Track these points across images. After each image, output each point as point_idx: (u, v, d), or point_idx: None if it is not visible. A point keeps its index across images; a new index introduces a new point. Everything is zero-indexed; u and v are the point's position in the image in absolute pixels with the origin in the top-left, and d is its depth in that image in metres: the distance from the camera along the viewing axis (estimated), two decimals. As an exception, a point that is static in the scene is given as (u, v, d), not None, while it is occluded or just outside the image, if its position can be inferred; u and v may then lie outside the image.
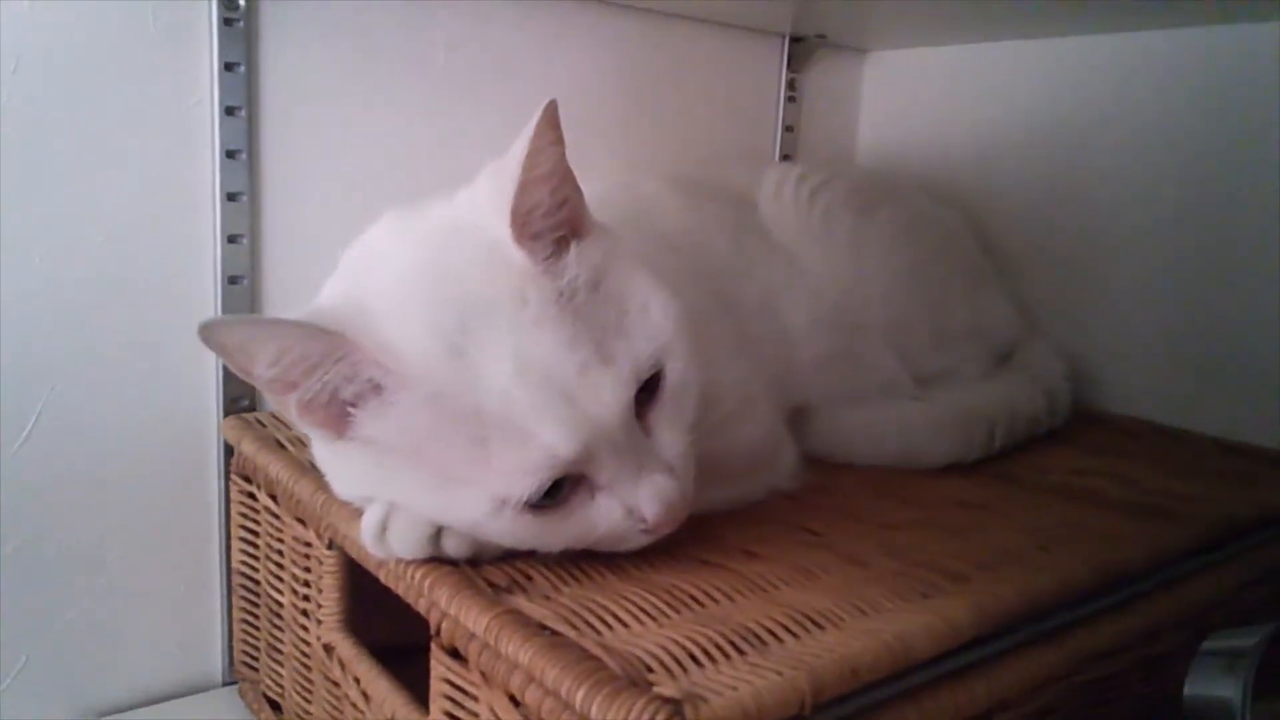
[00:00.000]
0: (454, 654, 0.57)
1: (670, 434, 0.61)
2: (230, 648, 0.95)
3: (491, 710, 0.54)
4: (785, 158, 1.28)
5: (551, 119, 0.55)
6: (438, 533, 0.59)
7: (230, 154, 0.88)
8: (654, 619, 0.55)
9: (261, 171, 0.90)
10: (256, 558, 0.87)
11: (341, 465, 0.62)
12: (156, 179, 0.85)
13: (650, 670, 0.48)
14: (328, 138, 0.93)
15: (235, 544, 0.90)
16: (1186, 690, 0.59)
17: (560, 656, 0.48)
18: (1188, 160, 1.07)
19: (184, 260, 0.88)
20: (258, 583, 0.87)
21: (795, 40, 1.25)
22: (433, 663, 0.59)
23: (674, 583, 0.60)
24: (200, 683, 0.95)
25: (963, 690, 0.56)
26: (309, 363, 0.54)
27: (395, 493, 0.59)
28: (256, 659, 0.89)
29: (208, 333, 0.51)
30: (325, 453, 0.63)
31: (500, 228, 0.56)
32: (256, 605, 0.88)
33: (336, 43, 0.92)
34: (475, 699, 0.56)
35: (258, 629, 0.88)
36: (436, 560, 0.60)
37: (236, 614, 0.91)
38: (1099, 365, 1.16)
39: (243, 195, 0.89)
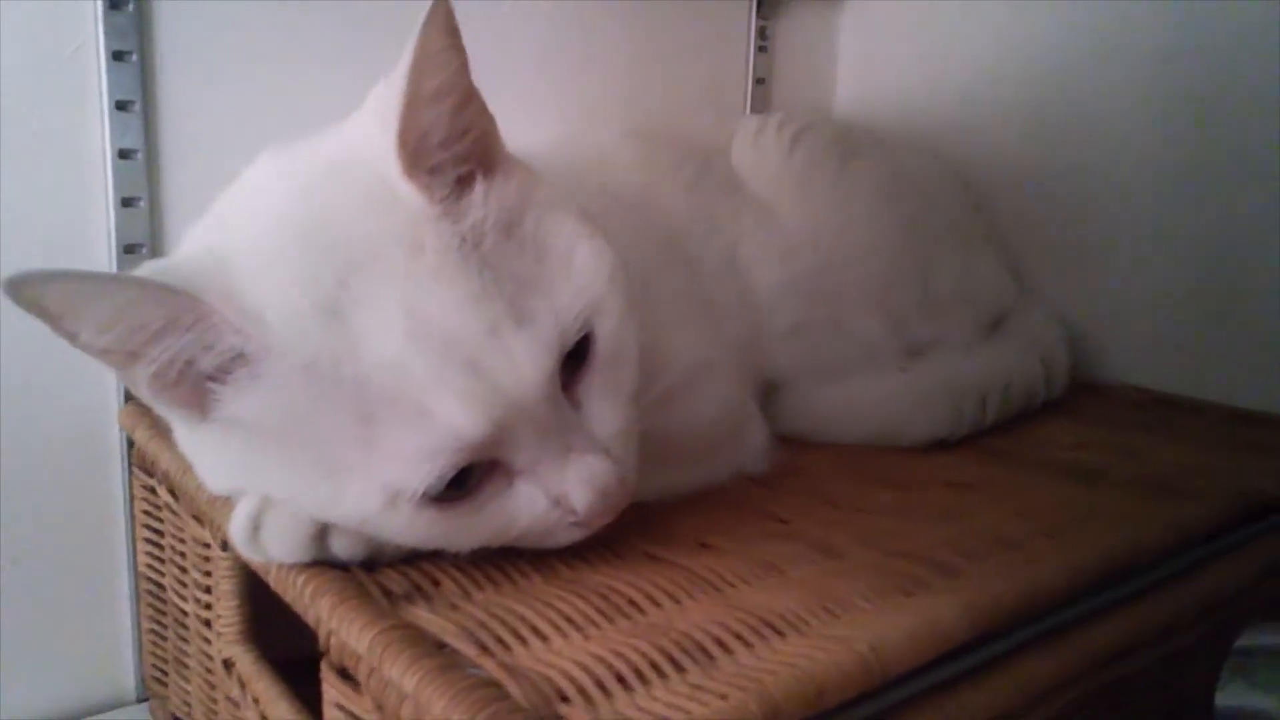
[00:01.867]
0: (345, 675, 0.48)
1: (605, 408, 0.51)
2: (142, 661, 0.85)
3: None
4: (757, 111, 1.18)
5: (443, 22, 0.45)
6: (322, 531, 0.49)
7: (121, 105, 0.77)
8: (580, 630, 0.46)
9: (158, 125, 0.80)
10: (162, 560, 0.77)
11: (207, 452, 0.52)
12: (36, 136, 0.75)
13: (564, 699, 0.39)
14: (236, 85, 0.83)
15: (140, 545, 0.80)
16: (1219, 700, 0.50)
17: (451, 683, 0.39)
18: (1189, 109, 0.98)
19: (73, 227, 0.78)
20: (164, 588, 0.77)
21: (765, -15, 1.15)
22: (324, 685, 0.50)
23: (610, 584, 0.51)
24: (111, 699, 0.85)
25: (952, 704, 0.47)
26: (152, 328, 0.44)
27: (268, 484, 0.49)
28: (166, 674, 0.79)
29: (18, 289, 0.42)
30: (188, 438, 0.53)
31: (388, 160, 0.47)
32: (164, 614, 0.78)
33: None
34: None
35: (165, 640, 0.79)
36: (324, 563, 0.50)
37: (145, 623, 0.82)
38: (1097, 331, 1.06)
39: (137, 153, 0.79)
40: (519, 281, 0.48)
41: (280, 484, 0.48)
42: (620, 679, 0.41)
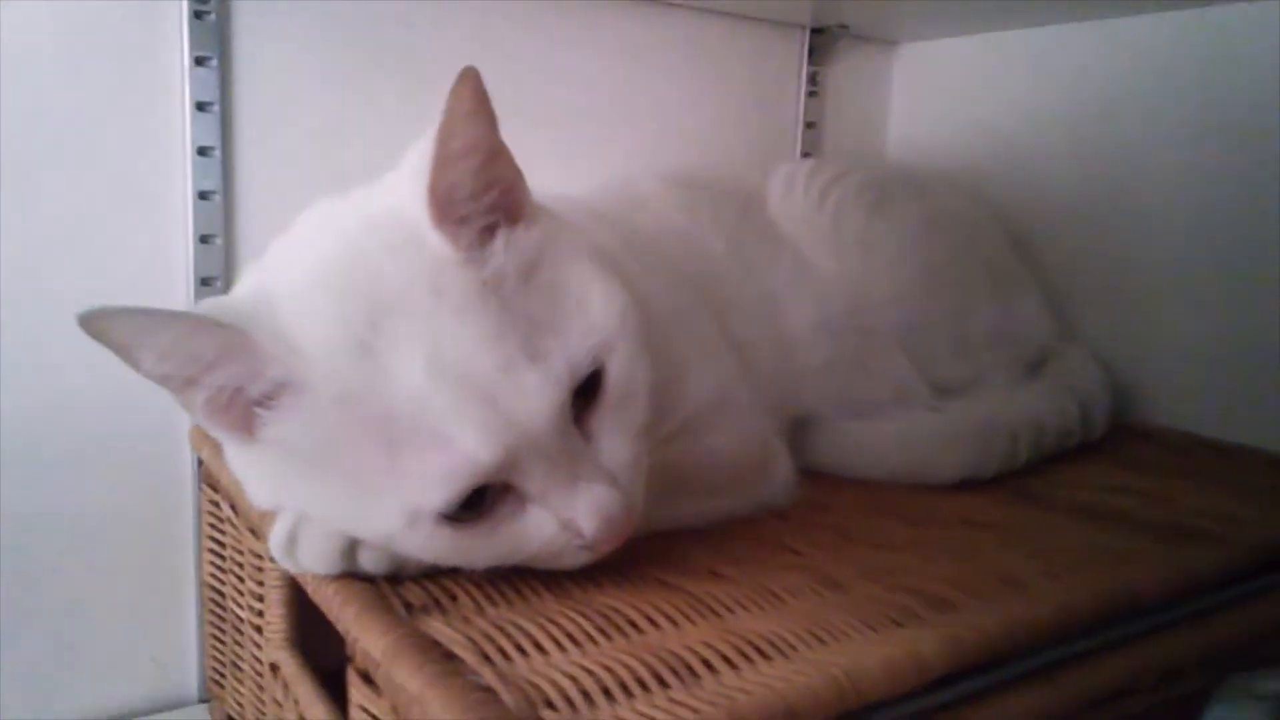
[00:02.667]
0: (367, 679, 0.52)
1: (614, 440, 0.55)
2: (204, 664, 0.91)
3: (403, 743, 0.49)
4: (806, 155, 1.22)
5: (469, 88, 0.50)
6: (352, 546, 0.54)
7: (202, 151, 0.85)
8: (579, 645, 0.49)
9: (235, 169, 0.87)
10: (224, 570, 0.83)
11: (252, 470, 0.57)
12: (123, 178, 0.83)
13: (550, 705, 0.43)
14: (308, 132, 0.90)
15: (205, 556, 0.86)
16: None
17: (449, 687, 0.43)
18: (1242, 151, 0.98)
19: (153, 261, 0.85)
20: (224, 596, 0.83)
21: (816, 31, 1.19)
22: (350, 688, 0.54)
23: (615, 605, 0.54)
24: (174, 700, 0.92)
25: (933, 734, 0.49)
26: (205, 360, 0.49)
27: (304, 501, 0.54)
28: (224, 676, 0.85)
29: (90, 323, 0.47)
30: (237, 456, 0.58)
31: (418, 211, 0.52)
32: (224, 620, 0.84)
33: (318, 36, 0.89)
34: (396, 730, 0.51)
35: (224, 644, 0.84)
36: (354, 575, 0.55)
37: (207, 629, 0.88)
38: (1145, 375, 1.06)
39: (215, 194, 0.86)
40: (534, 322, 0.52)
41: (314, 502, 0.53)
42: (606, 691, 0.44)
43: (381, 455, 0.50)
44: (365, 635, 0.49)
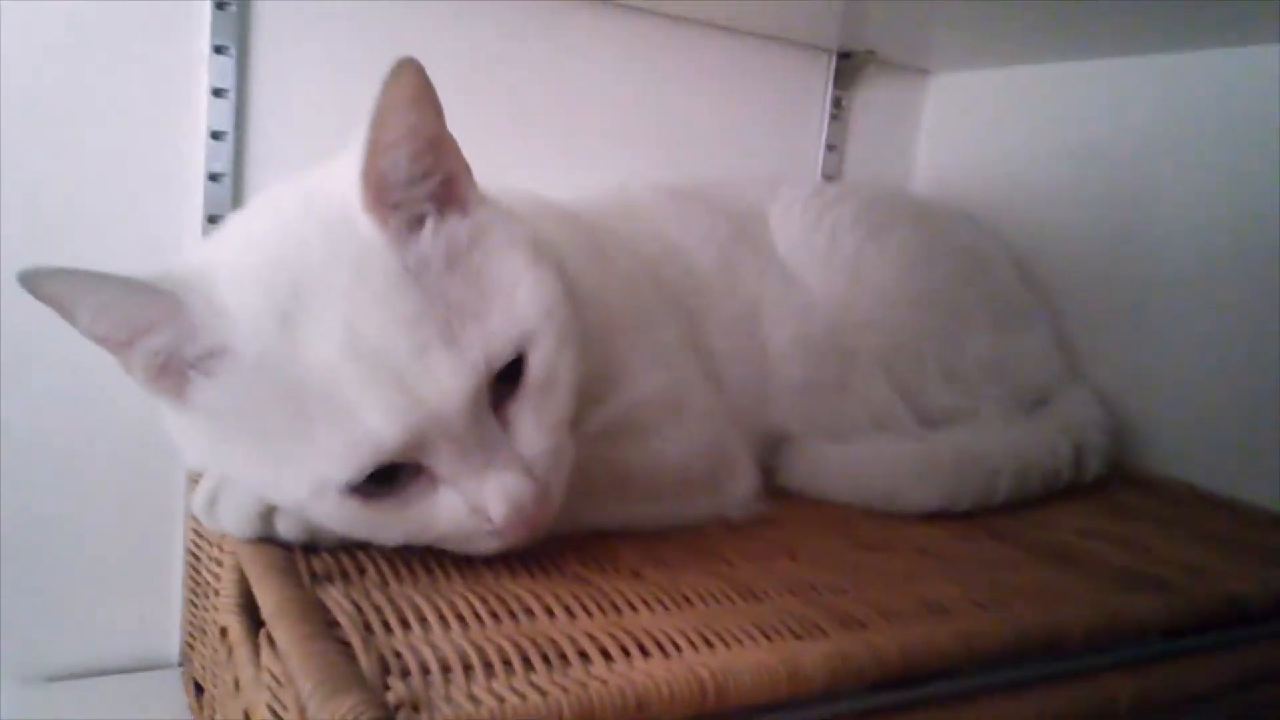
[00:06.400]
0: (271, 641, 0.54)
1: (533, 430, 0.56)
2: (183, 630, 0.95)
3: (295, 704, 0.51)
4: (828, 178, 1.21)
5: (407, 79, 0.51)
6: (269, 511, 0.56)
7: (215, 135, 0.89)
8: (465, 624, 0.50)
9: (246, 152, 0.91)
10: (201, 537, 0.86)
11: (185, 433, 0.59)
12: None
13: (406, 674, 0.44)
14: (314, 121, 0.93)
15: (188, 523, 0.89)
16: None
17: (309, 648, 0.44)
18: (1270, 200, 0.94)
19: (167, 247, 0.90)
20: (200, 562, 0.86)
21: (844, 56, 1.18)
22: (262, 649, 0.56)
23: (519, 593, 0.55)
24: (156, 661, 0.95)
25: (807, 747, 0.49)
26: (140, 322, 0.52)
27: (225, 465, 0.56)
28: (195, 642, 0.88)
29: (29, 280, 0.50)
30: (173, 420, 0.60)
31: (352, 194, 0.53)
32: (198, 586, 0.87)
33: (333, 39, 0.93)
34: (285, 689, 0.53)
35: (197, 610, 0.87)
36: (271, 541, 0.57)
37: (186, 595, 0.91)
38: (1155, 422, 1.03)
39: (224, 176, 0.90)
40: (456, 309, 0.53)
41: (234, 465, 0.55)
42: (467, 667, 0.45)
43: (293, 424, 0.51)
44: (261, 595, 0.51)
